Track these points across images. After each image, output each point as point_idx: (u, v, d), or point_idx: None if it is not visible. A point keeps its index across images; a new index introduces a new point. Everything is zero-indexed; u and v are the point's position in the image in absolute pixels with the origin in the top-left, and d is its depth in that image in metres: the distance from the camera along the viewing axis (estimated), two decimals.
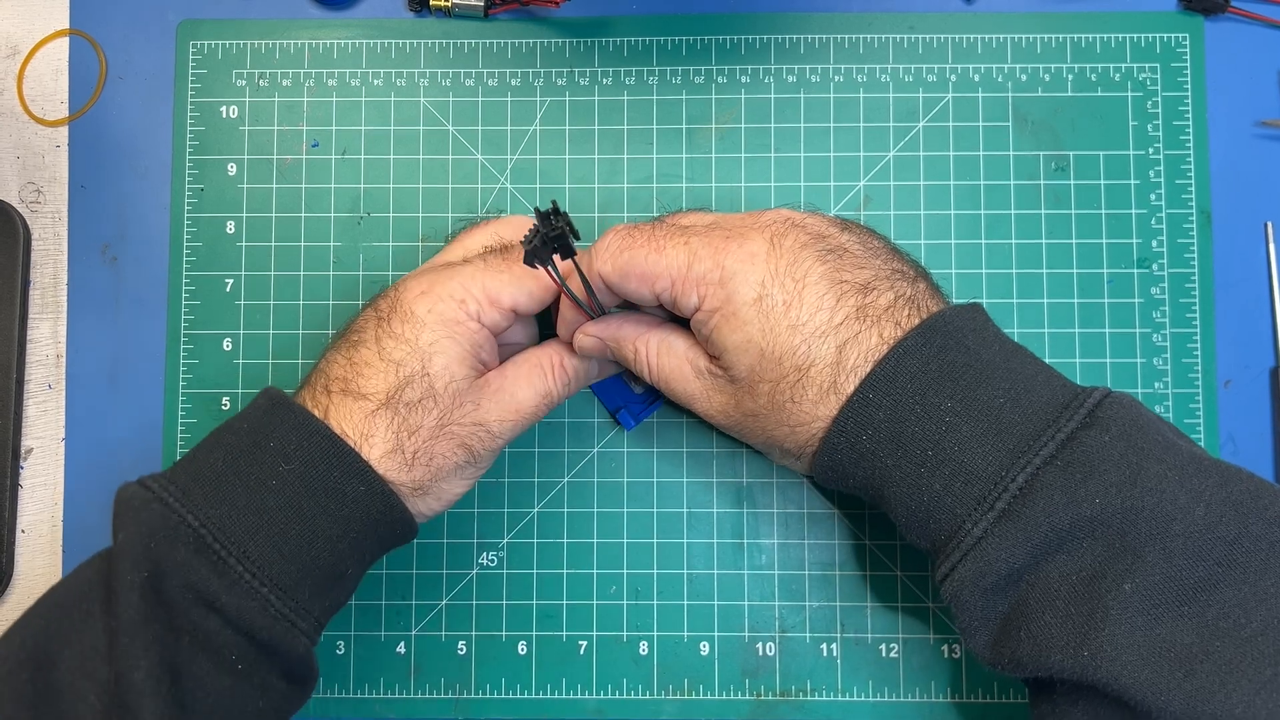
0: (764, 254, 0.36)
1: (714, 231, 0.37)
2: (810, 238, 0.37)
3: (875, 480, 0.36)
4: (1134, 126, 0.47)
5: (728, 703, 0.46)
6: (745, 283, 0.36)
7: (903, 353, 0.34)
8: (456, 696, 0.46)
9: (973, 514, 0.33)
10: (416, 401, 0.37)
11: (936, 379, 0.34)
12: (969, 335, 0.35)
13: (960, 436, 0.34)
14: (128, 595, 0.33)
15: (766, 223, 0.37)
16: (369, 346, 0.38)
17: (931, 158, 0.48)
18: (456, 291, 0.38)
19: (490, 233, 0.42)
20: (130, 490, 0.36)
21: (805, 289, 0.35)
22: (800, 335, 0.35)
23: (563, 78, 0.48)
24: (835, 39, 0.48)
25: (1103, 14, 0.48)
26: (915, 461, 0.34)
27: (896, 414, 0.34)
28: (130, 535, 0.34)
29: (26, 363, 0.47)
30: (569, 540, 0.46)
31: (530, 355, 0.41)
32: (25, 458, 0.47)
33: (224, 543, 0.34)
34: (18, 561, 0.47)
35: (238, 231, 0.48)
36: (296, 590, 0.36)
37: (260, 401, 0.38)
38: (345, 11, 0.49)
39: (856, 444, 0.35)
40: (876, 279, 0.36)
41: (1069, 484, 0.32)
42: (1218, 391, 0.47)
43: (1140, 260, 0.47)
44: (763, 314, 0.35)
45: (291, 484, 0.35)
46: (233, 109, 0.48)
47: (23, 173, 0.48)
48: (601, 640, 0.46)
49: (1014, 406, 0.34)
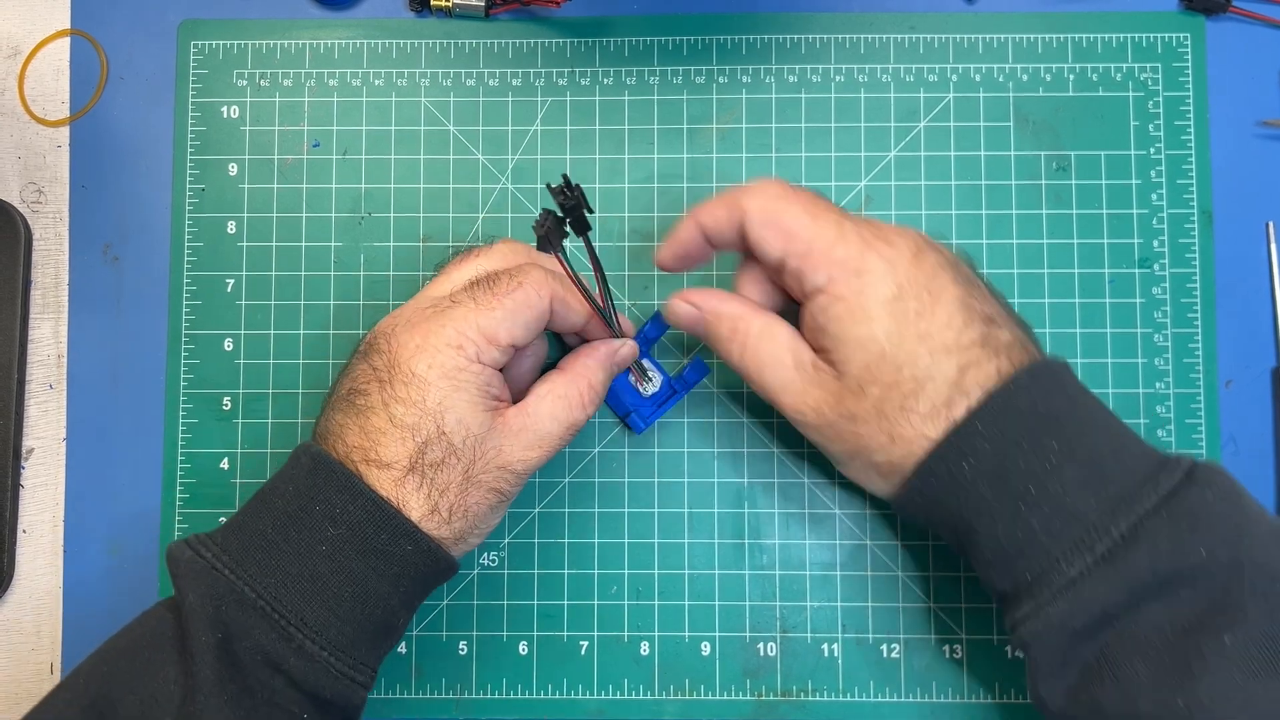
0: (907, 260, 0.36)
1: (865, 224, 0.37)
2: (948, 262, 0.37)
3: (968, 512, 0.35)
4: (1135, 126, 0.47)
5: (729, 703, 0.46)
6: (884, 280, 0.36)
7: (1016, 388, 0.35)
8: (457, 697, 0.46)
9: (1069, 554, 0.33)
10: (440, 462, 0.37)
11: (1044, 419, 0.34)
12: (1070, 385, 0.36)
13: (1064, 478, 0.34)
14: (203, 656, 0.34)
15: (912, 234, 0.38)
16: (378, 413, 0.37)
17: (933, 158, 0.48)
18: (452, 338, 0.37)
19: (475, 265, 0.40)
20: (186, 554, 0.36)
21: (939, 304, 0.36)
22: (926, 346, 0.35)
23: (564, 78, 0.48)
24: (836, 39, 0.48)
25: (1104, 14, 0.48)
26: (1015, 496, 0.34)
27: (1003, 447, 0.34)
28: (201, 598, 0.35)
29: (28, 363, 0.47)
30: (570, 540, 0.46)
31: (554, 386, 0.40)
32: (26, 458, 0.47)
33: (282, 612, 0.35)
34: (19, 562, 0.47)
35: (239, 231, 0.48)
36: (353, 649, 0.36)
37: (303, 461, 0.37)
38: (346, 11, 0.49)
39: (957, 472, 0.35)
40: (1000, 315, 0.37)
41: (1175, 533, 0.33)
42: (1219, 391, 0.47)
43: (1141, 260, 0.47)
44: (894, 315, 0.35)
45: (341, 548, 0.36)
46: (234, 109, 0.48)
47: (24, 173, 0.48)
48: (603, 640, 0.46)
49: (1116, 459, 0.34)
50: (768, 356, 0.39)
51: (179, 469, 0.47)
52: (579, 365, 0.41)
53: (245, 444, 0.47)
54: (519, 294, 0.38)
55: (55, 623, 0.47)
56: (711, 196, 0.40)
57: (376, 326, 0.39)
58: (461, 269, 0.40)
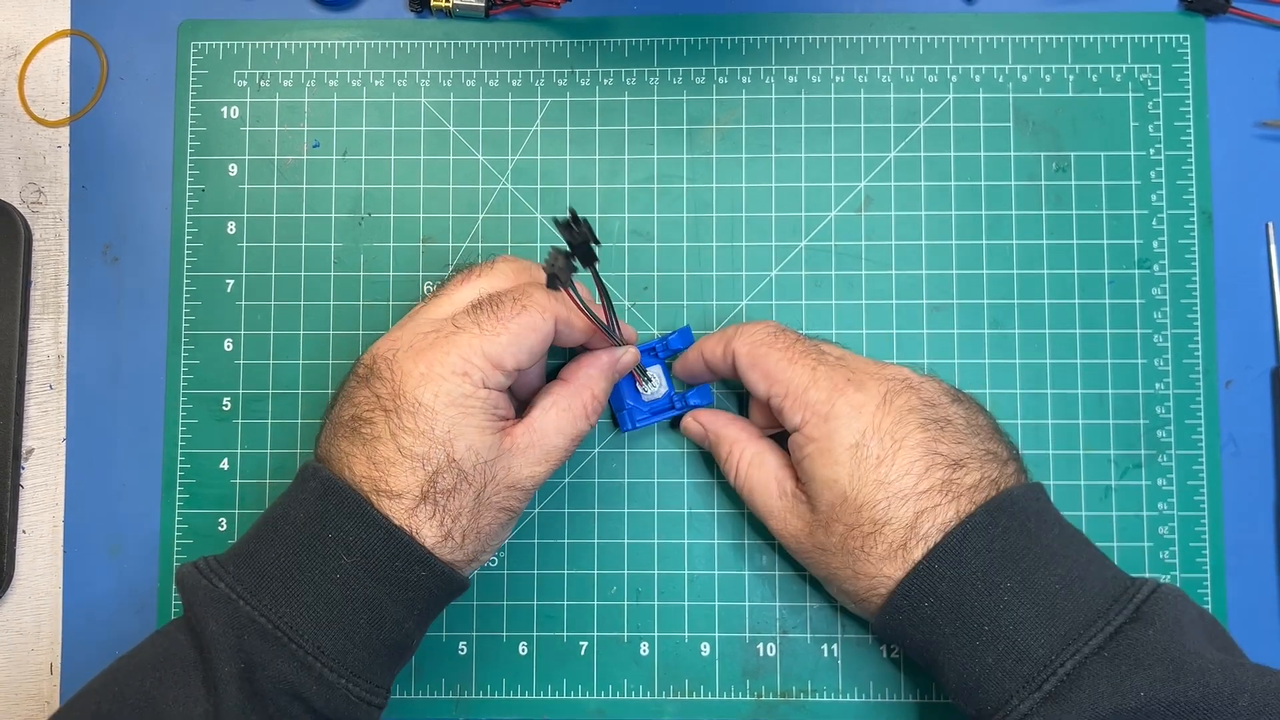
0: (873, 406, 0.38)
1: (839, 368, 0.40)
2: (920, 403, 0.39)
3: (931, 645, 0.37)
4: (1135, 127, 0.47)
5: (728, 703, 0.46)
6: (848, 427, 0.38)
7: (970, 529, 0.36)
8: (457, 697, 0.46)
9: (1020, 691, 0.35)
10: (452, 489, 0.37)
11: (999, 558, 0.36)
12: (1031, 518, 0.37)
13: (1017, 616, 0.35)
14: (226, 688, 0.34)
15: (886, 377, 0.39)
16: (385, 443, 0.37)
17: (932, 158, 0.48)
18: (457, 366, 0.37)
19: (477, 286, 0.40)
20: (202, 583, 0.36)
21: (900, 451, 0.37)
22: (884, 492, 0.37)
23: (563, 78, 0.48)
24: (836, 40, 0.48)
25: (1103, 15, 0.48)
26: (972, 633, 0.36)
27: (959, 586, 0.36)
28: (223, 628, 0.35)
29: (28, 363, 0.47)
30: (570, 541, 0.46)
31: (559, 398, 0.40)
32: (26, 458, 0.47)
33: (299, 642, 0.35)
34: (18, 562, 0.47)
35: (238, 232, 0.48)
36: (370, 673, 0.37)
37: (311, 486, 0.37)
38: (346, 12, 0.49)
39: (918, 609, 0.37)
40: (970, 457, 0.38)
41: (1116, 674, 0.34)
42: (1219, 392, 0.47)
43: (1141, 261, 0.47)
44: (855, 461, 0.37)
45: (355, 575, 0.36)
46: (234, 109, 0.48)
47: (24, 173, 0.48)
48: (602, 641, 0.46)
49: (1069, 594, 0.35)
50: (757, 483, 0.42)
51: (179, 469, 0.47)
52: (582, 375, 0.41)
53: (245, 444, 0.47)
54: (523, 318, 0.38)
55: (55, 623, 0.47)
56: (714, 332, 0.44)
57: (375, 349, 0.39)
58: (462, 289, 0.40)
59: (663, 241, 0.48)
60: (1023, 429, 0.46)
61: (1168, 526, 0.46)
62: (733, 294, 0.47)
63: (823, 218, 0.47)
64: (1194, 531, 0.46)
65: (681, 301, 0.47)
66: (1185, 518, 0.46)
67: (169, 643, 0.36)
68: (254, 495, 0.47)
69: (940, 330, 0.47)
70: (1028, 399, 0.47)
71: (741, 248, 0.47)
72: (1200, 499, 0.46)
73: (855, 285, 0.47)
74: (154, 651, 0.36)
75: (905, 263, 0.47)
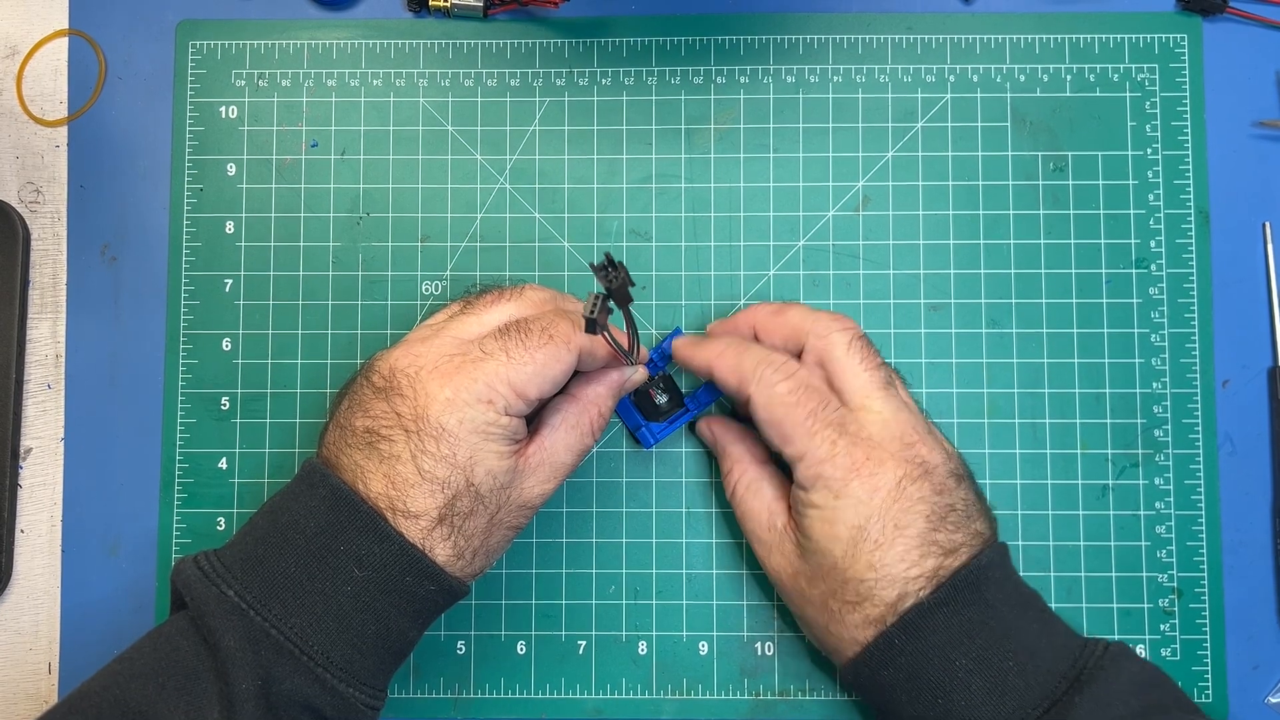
0: (885, 492, 0.38)
1: (860, 446, 0.39)
2: (931, 491, 0.39)
3: (889, 709, 0.39)
4: (1132, 127, 0.47)
5: (726, 702, 0.46)
6: (856, 510, 0.38)
7: (931, 607, 0.37)
8: (456, 696, 0.46)
9: None
10: (469, 512, 0.38)
11: (957, 634, 0.37)
12: (990, 588, 0.38)
13: (969, 693, 0.37)
14: (244, 705, 0.34)
15: (906, 459, 0.39)
16: (405, 464, 0.37)
17: (930, 158, 0.48)
18: (483, 393, 0.37)
19: (505, 311, 0.40)
20: (212, 592, 0.36)
21: (899, 539, 0.38)
22: (874, 574, 0.38)
23: (562, 78, 0.48)
24: (834, 39, 0.48)
25: (1101, 15, 0.48)
26: (926, 704, 0.37)
27: (917, 660, 0.37)
28: (240, 641, 0.35)
29: (26, 363, 0.47)
30: (568, 540, 0.46)
31: (567, 415, 0.41)
32: (25, 458, 0.47)
33: (311, 654, 0.36)
34: (17, 561, 0.47)
35: (237, 231, 0.48)
36: (374, 679, 0.38)
37: (320, 492, 0.37)
38: (344, 12, 0.49)
39: (878, 676, 0.38)
40: (962, 545, 0.38)
41: None
42: (1216, 391, 0.47)
43: (1138, 260, 0.47)
44: (855, 540, 0.38)
45: (366, 588, 0.36)
46: (232, 109, 0.48)
47: (22, 173, 0.48)
48: (600, 640, 0.46)
49: (1019, 672, 0.37)
50: (749, 509, 0.43)
51: (177, 469, 0.47)
52: (590, 393, 0.42)
53: (243, 444, 0.47)
54: (549, 349, 0.38)
55: (53, 623, 0.47)
56: (728, 352, 0.41)
57: (394, 361, 0.39)
58: (491, 311, 0.40)
59: (660, 241, 0.48)
60: (1020, 428, 0.47)
61: (1165, 525, 0.46)
62: (730, 293, 0.47)
63: (820, 217, 0.48)
64: (1191, 530, 0.46)
65: (679, 301, 0.47)
66: (1182, 517, 0.46)
67: (171, 649, 0.36)
68: (252, 495, 0.47)
69: (938, 330, 0.47)
70: (1025, 398, 0.47)
71: (739, 247, 0.47)
72: (1197, 498, 0.46)
73: (853, 285, 0.47)
74: (155, 657, 0.36)
75: (903, 262, 0.47)
